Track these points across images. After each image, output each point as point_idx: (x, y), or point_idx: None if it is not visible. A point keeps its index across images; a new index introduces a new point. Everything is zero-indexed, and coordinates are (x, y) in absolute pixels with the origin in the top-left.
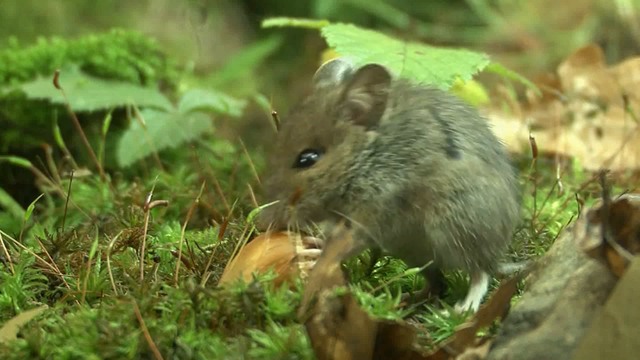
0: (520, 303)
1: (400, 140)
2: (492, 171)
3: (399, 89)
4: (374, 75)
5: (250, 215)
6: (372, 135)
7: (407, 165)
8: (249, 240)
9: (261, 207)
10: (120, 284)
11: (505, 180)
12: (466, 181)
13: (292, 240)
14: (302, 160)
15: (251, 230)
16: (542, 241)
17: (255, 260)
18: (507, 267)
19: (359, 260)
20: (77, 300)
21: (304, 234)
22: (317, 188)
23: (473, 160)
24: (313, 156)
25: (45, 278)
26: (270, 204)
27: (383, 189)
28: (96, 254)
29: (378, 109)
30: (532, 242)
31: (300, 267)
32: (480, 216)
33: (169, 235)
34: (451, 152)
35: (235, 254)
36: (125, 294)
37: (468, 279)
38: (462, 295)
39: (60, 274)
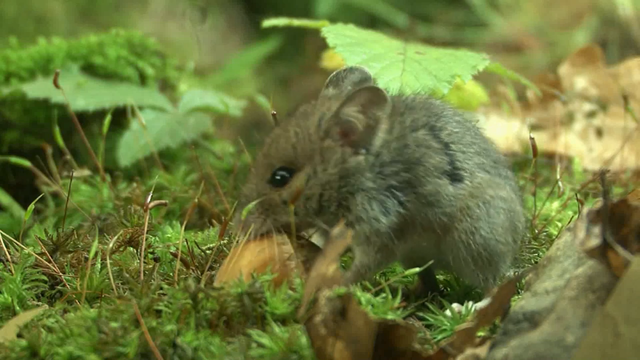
0: (520, 303)
1: (399, 165)
2: (496, 181)
3: (395, 110)
4: (370, 97)
5: (244, 212)
6: (361, 159)
7: (404, 194)
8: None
9: (248, 209)
10: (120, 284)
11: (510, 188)
12: (471, 202)
13: (279, 242)
14: (276, 177)
15: (249, 230)
16: (542, 241)
17: (245, 265)
18: (509, 275)
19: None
20: (77, 300)
21: (291, 236)
22: (296, 208)
23: (476, 178)
24: (287, 175)
25: (45, 278)
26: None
27: (375, 222)
28: (96, 254)
29: (370, 132)
30: (532, 242)
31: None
32: (492, 231)
33: (169, 235)
34: (454, 175)
35: (229, 257)
36: (125, 294)
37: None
38: (462, 295)
39: (60, 274)
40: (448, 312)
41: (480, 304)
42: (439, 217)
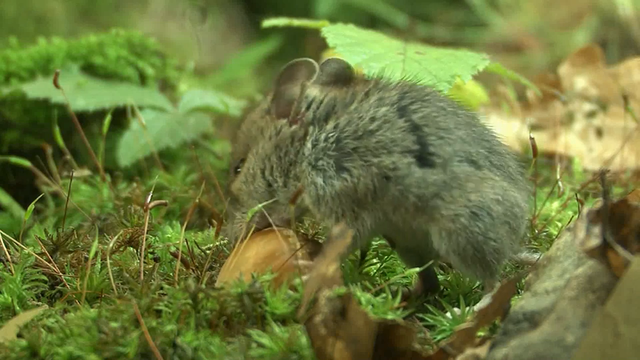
0: (520, 303)
1: (345, 133)
2: (481, 173)
3: (359, 89)
4: (296, 69)
5: (249, 214)
6: (295, 128)
7: (349, 161)
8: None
9: (258, 208)
10: (120, 284)
11: (504, 176)
12: (455, 193)
13: (285, 234)
14: (238, 170)
15: (250, 231)
16: (542, 241)
17: (252, 255)
18: (524, 255)
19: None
20: (77, 300)
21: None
22: (248, 193)
23: (454, 167)
24: (241, 164)
25: (45, 278)
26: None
27: (314, 187)
28: (96, 254)
29: (300, 101)
30: (532, 242)
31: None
32: (476, 224)
33: (169, 235)
34: (424, 159)
35: (233, 253)
36: (125, 294)
37: (468, 280)
38: (462, 295)
39: (60, 274)
40: (448, 314)
41: (479, 305)
42: (407, 197)
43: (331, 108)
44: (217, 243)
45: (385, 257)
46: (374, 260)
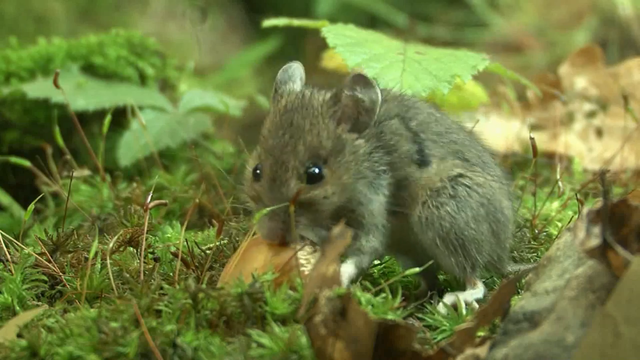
0: (520, 303)
1: (381, 150)
2: (473, 168)
3: None
4: (364, 82)
5: (256, 217)
6: (362, 144)
7: (389, 177)
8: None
9: (266, 211)
10: (120, 284)
11: (493, 178)
12: (440, 183)
13: (293, 247)
14: (310, 173)
15: (252, 232)
16: (542, 241)
17: (259, 267)
18: (511, 268)
19: None
20: (77, 300)
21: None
22: (329, 204)
23: (446, 162)
24: (317, 170)
25: (45, 278)
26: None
27: (369, 203)
28: (96, 254)
29: (368, 116)
30: (532, 242)
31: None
32: (460, 212)
33: (169, 235)
34: (423, 163)
35: (235, 257)
36: (125, 294)
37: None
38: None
39: (60, 274)
40: (441, 309)
41: (466, 295)
42: (407, 195)
43: None
44: (218, 243)
45: (385, 257)
46: (374, 261)
